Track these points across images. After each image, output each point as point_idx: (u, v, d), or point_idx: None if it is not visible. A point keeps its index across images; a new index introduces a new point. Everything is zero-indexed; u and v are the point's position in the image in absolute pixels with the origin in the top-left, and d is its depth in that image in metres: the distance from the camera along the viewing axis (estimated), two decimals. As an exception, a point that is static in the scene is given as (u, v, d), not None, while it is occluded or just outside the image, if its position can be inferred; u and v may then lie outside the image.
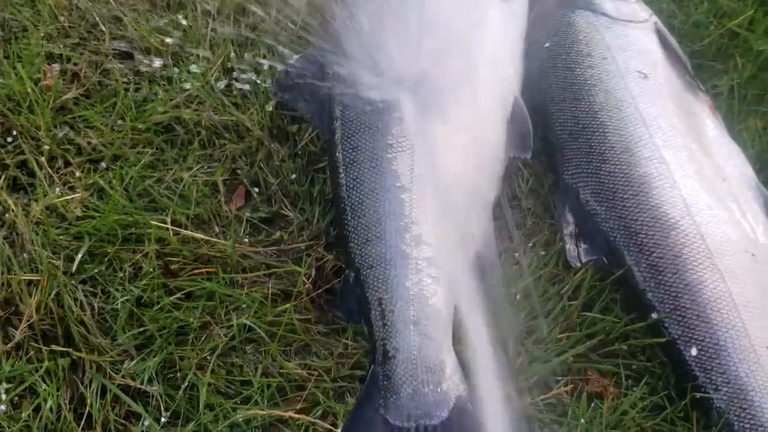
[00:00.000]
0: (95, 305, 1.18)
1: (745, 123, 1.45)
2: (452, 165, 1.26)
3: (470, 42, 1.37)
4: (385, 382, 1.10)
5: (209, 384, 1.13)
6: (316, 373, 1.17)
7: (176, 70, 1.44)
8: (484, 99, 1.33)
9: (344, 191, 1.25)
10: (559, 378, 1.17)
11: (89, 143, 1.35)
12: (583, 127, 1.34)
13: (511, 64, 1.41)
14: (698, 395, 1.13)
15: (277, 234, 1.29)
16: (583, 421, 1.12)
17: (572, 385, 1.16)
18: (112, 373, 1.13)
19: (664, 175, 1.26)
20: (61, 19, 1.51)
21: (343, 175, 1.27)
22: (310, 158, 1.38)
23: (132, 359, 1.14)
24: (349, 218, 1.23)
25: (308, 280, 1.24)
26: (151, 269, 1.21)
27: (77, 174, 1.31)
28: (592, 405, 1.15)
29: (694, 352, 1.15)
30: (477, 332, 1.10)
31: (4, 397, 1.09)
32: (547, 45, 1.43)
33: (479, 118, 1.32)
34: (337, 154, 1.29)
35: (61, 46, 1.48)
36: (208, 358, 1.16)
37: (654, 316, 1.19)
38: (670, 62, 1.42)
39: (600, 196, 1.28)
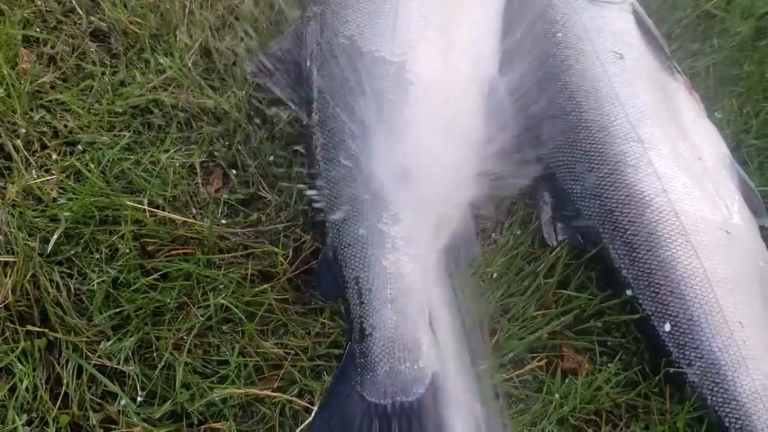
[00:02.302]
0: (71, 286, 1.18)
1: (721, 103, 1.46)
2: (429, 144, 1.26)
3: (447, 21, 1.36)
4: (362, 360, 1.11)
5: (186, 363, 1.14)
6: (292, 352, 1.17)
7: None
8: (462, 78, 1.33)
9: (321, 172, 1.26)
10: (535, 355, 1.18)
11: (66, 126, 1.34)
12: (560, 107, 1.34)
13: (489, 42, 1.40)
14: (672, 370, 1.15)
15: (255, 215, 1.29)
16: (557, 396, 1.13)
17: (546, 360, 1.17)
18: (88, 353, 1.13)
19: (639, 154, 1.26)
20: (38, 2, 1.51)
21: (320, 155, 1.27)
22: (287, 140, 1.38)
23: (108, 339, 1.15)
24: (326, 197, 1.24)
25: (286, 260, 1.24)
26: (128, 250, 1.21)
27: (54, 156, 1.31)
28: (567, 381, 1.16)
29: (667, 327, 1.16)
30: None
31: (-21, 377, 1.09)
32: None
33: (456, 97, 1.32)
34: (315, 135, 1.29)
35: (38, 29, 1.47)
36: (185, 337, 1.16)
37: (628, 292, 1.20)
38: (647, 43, 1.42)
39: (576, 174, 1.29)
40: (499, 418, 1.12)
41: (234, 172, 1.34)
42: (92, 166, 1.29)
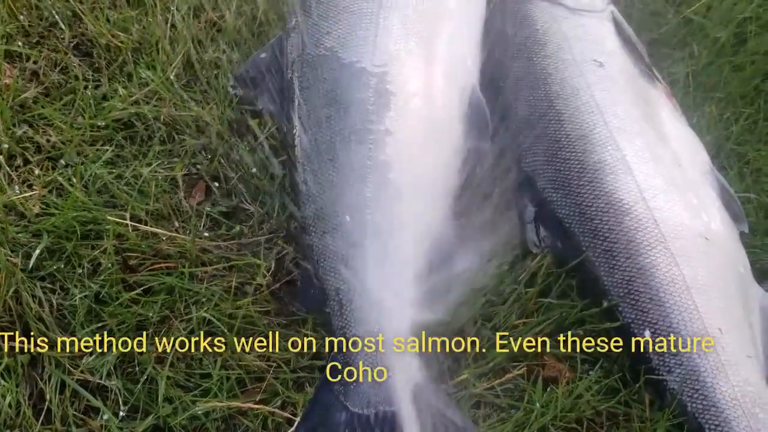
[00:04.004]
0: (54, 301, 1.18)
1: (701, 109, 1.47)
2: (409, 155, 1.27)
3: (428, 32, 1.37)
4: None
5: (168, 377, 1.14)
6: (275, 364, 1.17)
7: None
8: (442, 88, 1.34)
9: (303, 183, 1.27)
10: (516, 363, 1.18)
11: (48, 141, 1.35)
12: (540, 116, 1.35)
13: (469, 53, 1.41)
14: (652, 377, 1.15)
15: (237, 228, 1.30)
16: (538, 405, 1.13)
17: (527, 369, 1.17)
18: (70, 368, 1.13)
19: (619, 162, 1.27)
20: (21, 17, 1.51)
21: (302, 167, 1.28)
22: (270, 152, 1.38)
23: (91, 354, 1.15)
24: (308, 210, 1.24)
25: (268, 272, 1.25)
26: (110, 265, 1.21)
27: (36, 172, 1.31)
28: (548, 389, 1.16)
29: (647, 335, 1.17)
30: None
31: (-38, 394, 1.09)
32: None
33: (436, 107, 1.32)
34: (296, 146, 1.30)
35: (20, 44, 1.47)
36: (167, 351, 1.16)
37: (608, 300, 1.20)
38: (627, 51, 1.43)
39: (556, 182, 1.29)
40: (478, 427, 1.12)
41: (216, 184, 1.34)
42: (75, 180, 1.30)
